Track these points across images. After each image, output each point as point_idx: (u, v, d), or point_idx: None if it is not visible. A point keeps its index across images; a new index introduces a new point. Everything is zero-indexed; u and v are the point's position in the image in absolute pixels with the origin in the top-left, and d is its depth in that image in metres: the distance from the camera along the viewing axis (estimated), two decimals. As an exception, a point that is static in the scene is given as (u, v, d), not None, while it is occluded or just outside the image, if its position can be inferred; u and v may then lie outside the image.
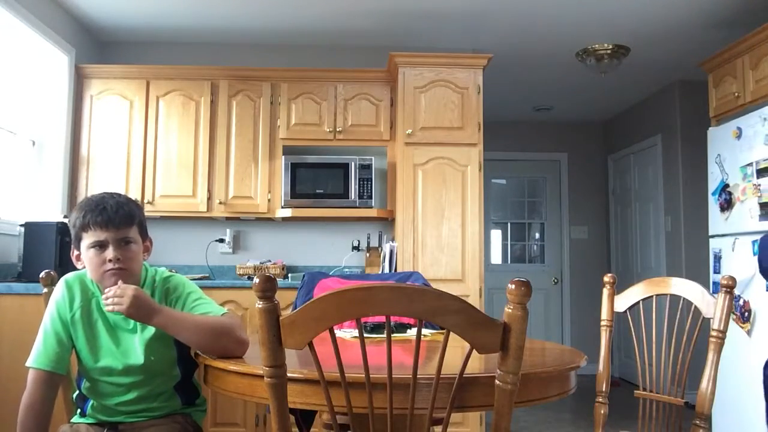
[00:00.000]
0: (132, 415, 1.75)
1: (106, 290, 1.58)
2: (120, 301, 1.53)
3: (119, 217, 1.66)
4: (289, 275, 4.12)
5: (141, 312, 1.55)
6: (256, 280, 1.12)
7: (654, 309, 2.10)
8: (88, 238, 1.65)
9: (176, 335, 1.61)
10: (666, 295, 2.09)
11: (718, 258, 3.74)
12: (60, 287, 1.74)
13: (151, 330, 1.69)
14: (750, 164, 3.43)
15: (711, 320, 1.90)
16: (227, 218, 4.22)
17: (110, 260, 1.63)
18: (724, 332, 1.87)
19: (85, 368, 1.72)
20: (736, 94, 3.73)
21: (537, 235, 6.94)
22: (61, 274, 1.84)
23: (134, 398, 1.73)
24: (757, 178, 3.36)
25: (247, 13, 4.02)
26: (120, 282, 1.59)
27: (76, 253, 1.71)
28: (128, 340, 1.71)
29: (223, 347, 1.55)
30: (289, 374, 1.17)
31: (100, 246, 1.65)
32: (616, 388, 5.36)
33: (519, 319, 1.11)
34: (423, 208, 3.79)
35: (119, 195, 1.73)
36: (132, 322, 1.69)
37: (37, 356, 1.67)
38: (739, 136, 3.53)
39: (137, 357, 1.69)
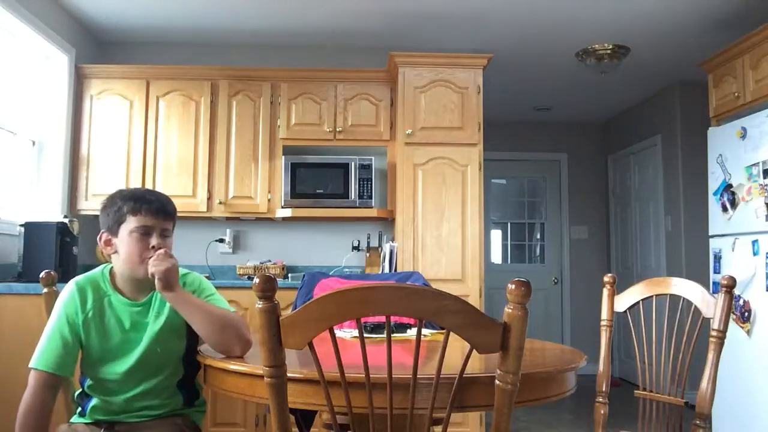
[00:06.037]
0: (133, 414, 1.76)
1: (157, 252, 1.65)
2: (159, 264, 1.62)
3: (168, 209, 1.76)
4: (289, 275, 4.12)
5: (169, 281, 1.63)
6: (256, 280, 1.12)
7: (654, 309, 2.10)
8: (134, 222, 1.70)
9: (187, 318, 1.66)
10: (666, 295, 2.09)
11: (718, 258, 3.74)
12: (70, 290, 1.74)
13: (161, 322, 1.73)
14: (756, 164, 3.43)
15: (711, 320, 1.90)
16: (227, 218, 4.22)
17: (153, 247, 1.69)
18: (724, 332, 1.87)
19: (94, 367, 1.74)
20: (736, 94, 3.73)
21: (537, 235, 6.94)
22: (61, 274, 1.85)
23: (139, 393, 1.74)
24: (764, 178, 3.36)
25: (246, 14, 4.02)
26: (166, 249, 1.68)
27: (106, 237, 1.74)
28: (139, 336, 1.73)
29: (227, 339, 1.59)
30: (289, 374, 1.18)
31: (145, 232, 1.70)
32: (616, 388, 5.36)
33: (519, 319, 1.11)
34: (423, 208, 3.79)
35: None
36: (145, 316, 1.74)
37: (40, 358, 1.68)
38: (743, 136, 3.53)
39: (145, 349, 1.72)
